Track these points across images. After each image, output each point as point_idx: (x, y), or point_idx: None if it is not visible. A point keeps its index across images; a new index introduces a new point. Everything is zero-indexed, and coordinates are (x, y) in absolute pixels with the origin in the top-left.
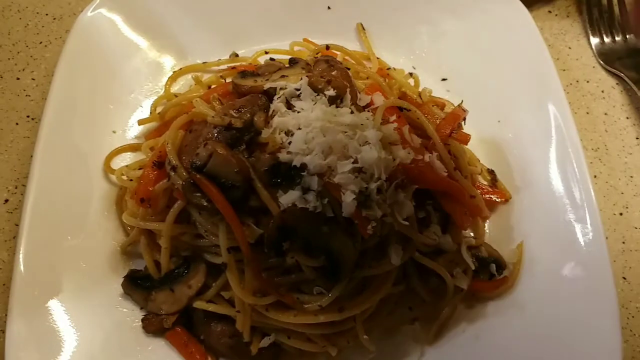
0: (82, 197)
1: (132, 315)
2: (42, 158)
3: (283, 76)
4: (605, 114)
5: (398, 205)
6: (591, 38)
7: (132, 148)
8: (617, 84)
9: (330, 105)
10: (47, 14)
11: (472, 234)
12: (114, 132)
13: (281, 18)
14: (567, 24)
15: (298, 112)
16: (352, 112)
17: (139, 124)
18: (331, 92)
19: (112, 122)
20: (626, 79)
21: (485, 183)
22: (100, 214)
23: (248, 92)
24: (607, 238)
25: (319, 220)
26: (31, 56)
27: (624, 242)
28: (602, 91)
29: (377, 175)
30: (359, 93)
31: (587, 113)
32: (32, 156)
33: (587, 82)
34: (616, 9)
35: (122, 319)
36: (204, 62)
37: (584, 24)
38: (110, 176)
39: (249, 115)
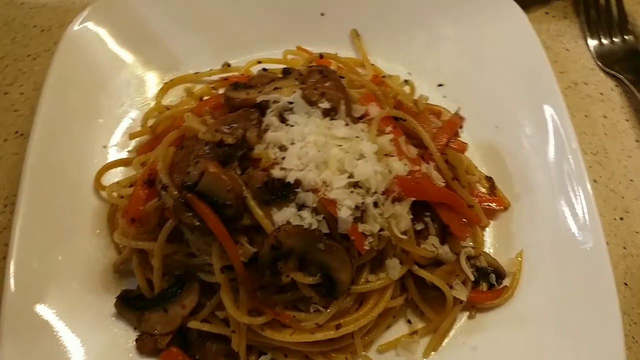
0: (72, 215)
1: (125, 335)
2: (32, 175)
3: (276, 88)
4: (605, 116)
5: (395, 218)
6: (589, 40)
7: (123, 163)
8: (616, 86)
9: (324, 118)
10: (35, 26)
11: (471, 244)
12: (104, 146)
13: (274, 25)
14: (564, 25)
15: (291, 126)
16: (346, 124)
17: (130, 138)
18: (325, 104)
19: (102, 136)
20: (625, 80)
21: (484, 191)
22: (91, 231)
23: (240, 104)
24: (607, 244)
25: (314, 238)
26: (19, 69)
27: (625, 248)
28: (601, 93)
29: (373, 189)
30: (354, 104)
31: (586, 116)
32: (21, 173)
33: (586, 84)
34: (614, 9)
35: (115, 340)
36: (195, 73)
37: (582, 25)
38: (102, 192)
39: (241, 130)
